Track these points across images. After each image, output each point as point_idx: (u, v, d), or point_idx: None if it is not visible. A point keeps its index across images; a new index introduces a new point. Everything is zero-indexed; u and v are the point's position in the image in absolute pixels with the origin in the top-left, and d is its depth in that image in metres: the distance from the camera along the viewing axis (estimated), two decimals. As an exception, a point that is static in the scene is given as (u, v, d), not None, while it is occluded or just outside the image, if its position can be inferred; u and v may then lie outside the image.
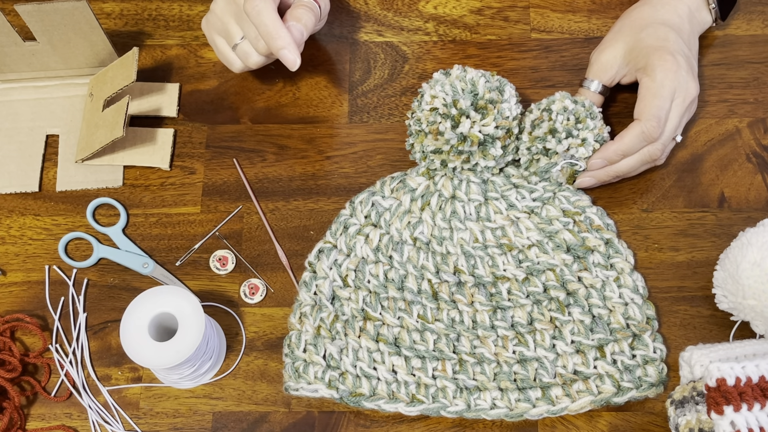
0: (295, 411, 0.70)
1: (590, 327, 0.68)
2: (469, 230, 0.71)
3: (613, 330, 0.68)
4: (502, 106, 0.70)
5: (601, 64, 0.75)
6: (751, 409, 0.59)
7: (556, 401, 0.67)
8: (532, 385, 0.67)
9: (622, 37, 0.74)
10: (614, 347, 0.68)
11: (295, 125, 0.80)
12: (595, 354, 0.68)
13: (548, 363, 0.68)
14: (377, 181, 0.75)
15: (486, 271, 0.70)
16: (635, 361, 0.68)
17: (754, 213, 0.75)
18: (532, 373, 0.68)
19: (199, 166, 0.79)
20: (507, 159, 0.73)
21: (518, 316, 0.69)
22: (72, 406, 0.71)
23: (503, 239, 0.71)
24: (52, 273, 0.76)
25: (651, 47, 0.72)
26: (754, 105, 0.79)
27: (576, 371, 0.68)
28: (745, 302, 0.66)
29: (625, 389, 0.67)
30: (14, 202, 0.79)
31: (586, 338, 0.68)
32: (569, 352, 0.68)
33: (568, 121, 0.71)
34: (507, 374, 0.68)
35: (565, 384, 0.67)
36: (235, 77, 0.82)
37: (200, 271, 0.75)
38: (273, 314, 0.74)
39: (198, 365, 0.69)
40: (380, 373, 0.68)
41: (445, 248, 0.71)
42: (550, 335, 0.68)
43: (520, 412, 0.66)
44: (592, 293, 0.69)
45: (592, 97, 0.75)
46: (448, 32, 0.83)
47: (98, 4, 0.86)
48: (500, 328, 0.69)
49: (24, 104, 0.82)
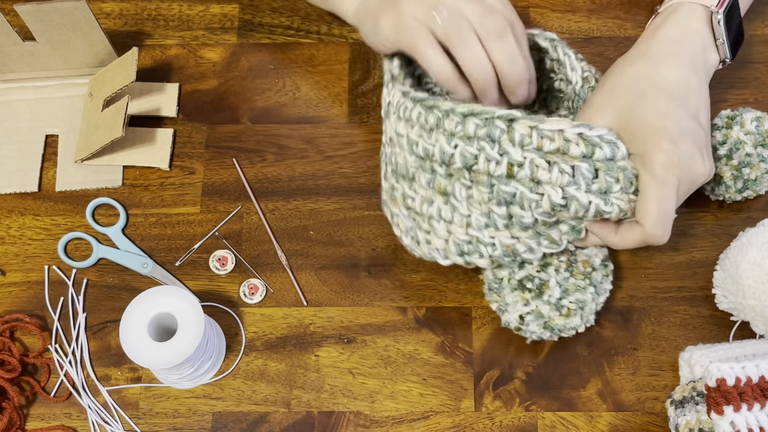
0: (295, 411, 0.70)
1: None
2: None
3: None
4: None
5: None
6: (751, 409, 0.59)
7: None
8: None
9: (613, 103, 0.63)
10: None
11: (295, 125, 0.80)
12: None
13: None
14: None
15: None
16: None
17: (754, 213, 0.75)
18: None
19: (199, 166, 0.79)
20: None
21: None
22: (71, 406, 0.71)
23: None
24: (52, 273, 0.76)
25: (648, 129, 0.60)
26: (753, 105, 0.79)
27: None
28: (745, 302, 0.66)
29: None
30: (14, 202, 0.79)
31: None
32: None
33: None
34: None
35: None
36: (235, 77, 0.82)
37: (200, 271, 0.75)
38: (273, 314, 0.74)
39: (198, 365, 0.69)
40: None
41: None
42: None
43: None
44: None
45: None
46: (448, 32, 0.83)
47: (98, 4, 0.86)
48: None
49: (23, 104, 0.82)
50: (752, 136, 0.69)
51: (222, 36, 0.84)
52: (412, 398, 0.71)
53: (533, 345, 0.71)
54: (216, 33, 0.84)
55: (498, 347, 0.72)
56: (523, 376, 0.71)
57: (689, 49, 0.65)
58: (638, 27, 0.82)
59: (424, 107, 0.63)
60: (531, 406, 0.70)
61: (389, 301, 0.74)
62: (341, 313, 0.73)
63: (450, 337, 0.72)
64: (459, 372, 0.71)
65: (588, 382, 0.70)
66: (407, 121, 0.64)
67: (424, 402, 0.70)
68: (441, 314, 0.73)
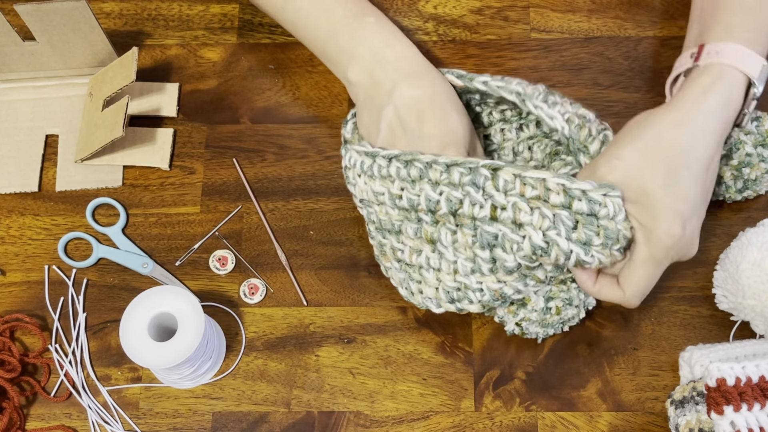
0: (295, 411, 0.70)
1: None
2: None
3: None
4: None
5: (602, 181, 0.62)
6: (751, 409, 0.59)
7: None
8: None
9: (642, 164, 0.61)
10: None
11: (295, 125, 0.80)
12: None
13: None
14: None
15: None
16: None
17: (754, 213, 0.75)
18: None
19: (199, 166, 0.79)
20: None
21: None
22: (71, 406, 0.71)
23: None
24: (52, 273, 0.76)
25: (667, 210, 0.60)
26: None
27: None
28: (745, 302, 0.66)
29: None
30: (14, 202, 0.79)
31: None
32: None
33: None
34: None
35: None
36: (235, 77, 0.82)
37: (200, 271, 0.75)
38: (273, 314, 0.74)
39: (198, 365, 0.69)
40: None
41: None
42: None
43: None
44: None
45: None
46: (448, 32, 0.83)
47: (98, 4, 0.86)
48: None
49: (23, 104, 0.82)
50: (752, 136, 0.69)
51: (222, 36, 0.84)
52: (412, 398, 0.71)
53: (533, 345, 0.71)
54: (216, 33, 0.84)
55: (498, 347, 0.72)
56: (523, 376, 0.71)
57: (726, 123, 0.64)
58: (638, 27, 0.82)
59: (402, 162, 0.65)
60: (531, 406, 0.70)
61: (389, 301, 0.74)
62: (341, 313, 0.73)
63: (450, 337, 0.72)
64: (459, 372, 0.71)
65: (588, 382, 0.70)
66: (384, 178, 0.66)
67: (424, 402, 0.70)
68: (441, 314, 0.72)
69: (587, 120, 0.67)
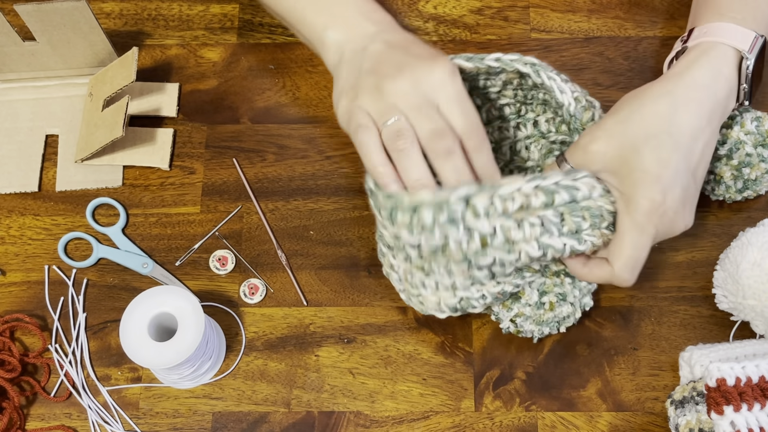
0: (295, 411, 0.70)
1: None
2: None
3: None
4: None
5: (588, 155, 0.63)
6: (751, 409, 0.59)
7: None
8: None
9: (622, 134, 0.61)
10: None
11: (295, 125, 0.80)
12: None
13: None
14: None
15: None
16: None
17: (754, 213, 0.75)
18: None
19: (199, 166, 0.79)
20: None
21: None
22: (72, 406, 0.71)
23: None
24: (52, 273, 0.76)
25: (644, 174, 0.60)
26: (753, 105, 0.78)
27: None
28: (745, 302, 0.66)
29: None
30: (14, 202, 0.79)
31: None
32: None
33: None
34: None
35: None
36: (235, 77, 0.82)
37: (200, 271, 0.75)
38: (273, 314, 0.74)
39: (198, 365, 0.69)
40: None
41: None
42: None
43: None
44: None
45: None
46: (448, 32, 0.83)
47: (98, 4, 0.86)
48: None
49: (23, 104, 0.82)
50: (752, 136, 0.69)
51: (222, 36, 0.84)
52: (412, 398, 0.71)
53: (533, 345, 0.71)
54: (216, 33, 0.84)
55: (498, 347, 0.72)
56: (523, 376, 0.71)
57: (715, 97, 0.63)
58: (638, 27, 0.82)
59: (374, 197, 0.63)
60: (531, 406, 0.70)
61: (389, 301, 0.74)
62: (341, 313, 0.73)
63: (450, 337, 0.72)
64: (459, 372, 0.71)
65: (588, 382, 0.70)
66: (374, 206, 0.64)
67: (424, 402, 0.70)
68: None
69: (593, 106, 0.67)
